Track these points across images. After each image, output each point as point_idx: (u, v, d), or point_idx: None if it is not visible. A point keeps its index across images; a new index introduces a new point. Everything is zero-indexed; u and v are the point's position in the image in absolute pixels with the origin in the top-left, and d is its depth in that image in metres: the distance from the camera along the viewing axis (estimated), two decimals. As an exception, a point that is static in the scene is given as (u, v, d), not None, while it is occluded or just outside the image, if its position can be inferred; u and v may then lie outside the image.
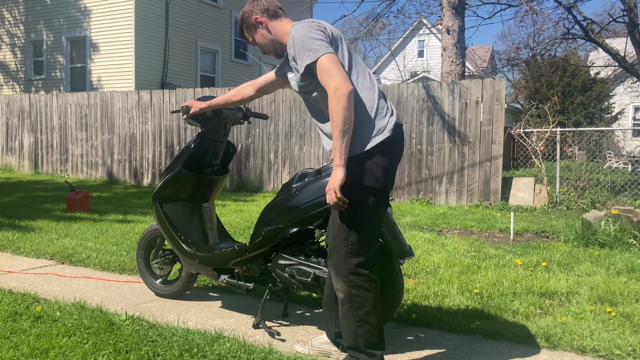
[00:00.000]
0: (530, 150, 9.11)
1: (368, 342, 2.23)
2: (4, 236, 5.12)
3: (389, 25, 35.11)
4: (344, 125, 2.09)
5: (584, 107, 23.55)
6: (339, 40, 2.28)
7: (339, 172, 2.13)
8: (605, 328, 2.92)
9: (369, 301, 2.22)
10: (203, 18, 17.34)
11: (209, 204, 3.29)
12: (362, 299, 2.22)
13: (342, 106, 2.08)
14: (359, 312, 2.22)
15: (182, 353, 2.48)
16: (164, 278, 3.50)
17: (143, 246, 3.52)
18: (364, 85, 2.28)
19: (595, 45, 12.61)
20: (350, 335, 2.25)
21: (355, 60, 2.32)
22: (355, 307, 2.22)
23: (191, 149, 3.10)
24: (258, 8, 2.44)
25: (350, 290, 2.22)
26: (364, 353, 2.24)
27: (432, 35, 31.44)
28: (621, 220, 5.21)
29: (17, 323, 2.82)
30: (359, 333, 2.23)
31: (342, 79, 2.09)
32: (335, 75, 2.10)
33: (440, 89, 8.39)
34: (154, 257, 3.44)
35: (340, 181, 2.13)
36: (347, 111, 2.08)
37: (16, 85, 17.51)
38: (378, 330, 2.25)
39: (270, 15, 2.44)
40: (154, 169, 10.61)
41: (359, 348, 2.24)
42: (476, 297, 3.43)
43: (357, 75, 2.28)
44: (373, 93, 2.27)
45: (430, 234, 5.72)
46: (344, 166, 2.13)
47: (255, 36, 2.49)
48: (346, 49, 2.29)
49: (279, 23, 2.44)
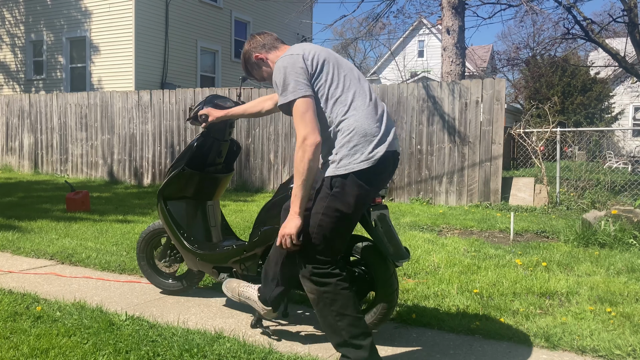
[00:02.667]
0: (530, 150, 9.11)
1: (352, 334, 2.25)
2: (4, 236, 5.12)
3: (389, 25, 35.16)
4: (306, 176, 2.16)
5: (584, 107, 23.55)
6: (323, 64, 2.29)
7: (296, 220, 2.21)
8: (605, 328, 2.92)
9: (340, 294, 2.26)
10: (203, 18, 17.34)
11: (213, 202, 3.31)
12: (332, 294, 2.26)
13: (307, 157, 2.14)
14: (334, 307, 2.26)
15: (182, 353, 2.48)
16: (172, 275, 3.52)
17: (144, 249, 3.53)
18: (359, 104, 2.28)
19: (595, 45, 12.61)
20: (334, 333, 2.28)
21: (350, 78, 2.32)
22: (329, 304, 2.26)
23: (194, 147, 3.12)
24: (255, 46, 2.56)
25: (319, 289, 2.28)
26: (351, 346, 2.25)
27: (432, 35, 31.44)
28: (621, 220, 5.21)
29: (17, 323, 2.82)
30: (341, 327, 2.25)
31: (311, 130, 2.15)
32: (306, 124, 2.16)
33: (440, 89, 8.39)
34: (161, 256, 3.46)
35: (297, 229, 2.21)
36: (311, 163, 2.14)
37: (16, 85, 17.51)
38: (359, 320, 2.27)
39: (268, 49, 2.55)
40: (154, 169, 10.61)
41: (346, 342, 2.26)
42: (476, 297, 3.43)
43: (354, 95, 2.29)
44: (368, 115, 2.27)
45: (430, 234, 5.71)
46: (301, 215, 2.21)
47: (261, 72, 2.60)
48: (332, 69, 2.30)
49: (278, 53, 2.53)
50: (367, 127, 2.25)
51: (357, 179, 2.22)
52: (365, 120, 2.25)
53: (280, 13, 20.31)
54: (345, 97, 2.28)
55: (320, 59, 2.30)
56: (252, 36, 2.60)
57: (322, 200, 2.26)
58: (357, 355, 2.24)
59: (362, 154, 2.22)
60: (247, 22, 19.34)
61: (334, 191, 2.23)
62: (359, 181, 2.22)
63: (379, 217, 2.52)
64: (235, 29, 18.86)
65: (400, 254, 2.51)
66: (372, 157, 2.23)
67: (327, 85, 2.28)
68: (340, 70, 2.33)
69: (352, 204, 2.23)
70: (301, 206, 2.21)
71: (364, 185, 2.23)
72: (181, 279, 3.49)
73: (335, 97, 2.27)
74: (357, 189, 2.22)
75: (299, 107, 2.19)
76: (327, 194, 2.25)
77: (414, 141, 8.54)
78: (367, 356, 2.24)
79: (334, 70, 2.31)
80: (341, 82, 2.30)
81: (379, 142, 2.25)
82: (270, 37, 2.57)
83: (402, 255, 2.52)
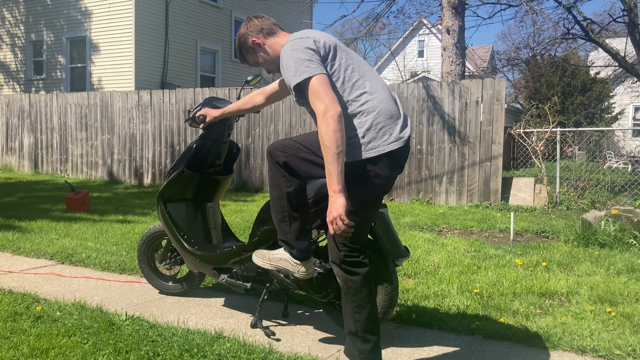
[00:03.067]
0: (530, 150, 9.11)
1: (366, 328, 2.27)
2: (4, 236, 5.12)
3: (389, 25, 35.15)
4: (337, 148, 2.02)
5: (584, 107, 23.55)
6: (335, 49, 2.25)
7: (340, 198, 2.05)
8: (605, 328, 2.92)
9: (364, 286, 2.26)
10: (203, 18, 17.34)
11: (213, 203, 3.31)
12: (357, 285, 2.26)
13: (332, 129, 2.02)
14: (356, 298, 2.26)
15: (182, 353, 2.48)
16: (173, 277, 3.52)
17: (144, 251, 3.52)
18: (379, 87, 2.26)
19: (595, 45, 12.61)
20: (350, 321, 2.30)
21: (361, 64, 2.31)
22: (352, 293, 2.27)
23: (193, 149, 3.12)
24: (253, 30, 2.44)
25: (346, 277, 2.28)
26: (360, 338, 2.28)
27: (432, 35, 31.44)
28: (621, 220, 5.21)
29: (17, 323, 2.82)
30: (357, 318, 2.27)
31: (330, 101, 2.05)
32: (323, 98, 2.06)
33: (440, 89, 8.39)
34: (162, 259, 3.46)
35: (344, 207, 2.04)
36: (338, 133, 2.02)
37: (16, 85, 17.51)
38: (375, 315, 2.29)
39: (265, 34, 2.44)
40: (154, 169, 10.61)
41: (357, 333, 2.28)
42: (476, 297, 3.43)
43: (371, 79, 2.27)
44: (388, 97, 2.27)
45: (430, 234, 5.71)
46: (343, 191, 2.05)
47: (256, 57, 2.49)
48: (345, 55, 2.27)
49: (276, 40, 2.43)
50: (391, 109, 2.23)
51: (387, 161, 2.19)
52: (388, 102, 2.24)
53: (280, 13, 20.32)
54: (362, 81, 2.25)
55: (331, 44, 2.25)
56: (249, 19, 2.48)
57: (353, 186, 2.18)
58: (362, 347, 2.27)
59: (390, 135, 2.19)
60: (247, 22, 19.31)
61: (365, 176, 2.18)
62: (390, 163, 2.19)
63: (378, 216, 2.52)
64: (235, 29, 18.86)
65: (399, 252, 2.52)
66: (402, 137, 2.21)
67: (343, 69, 2.23)
68: (352, 56, 2.31)
69: (381, 186, 2.21)
70: (340, 182, 2.03)
71: (394, 166, 2.22)
72: (182, 282, 3.49)
73: (353, 80, 2.23)
74: (388, 171, 2.20)
75: (314, 83, 2.09)
76: (358, 179, 2.19)
77: (414, 141, 8.54)
78: (369, 350, 2.26)
79: (347, 56, 2.28)
80: (357, 66, 2.27)
81: (403, 123, 2.25)
82: (268, 22, 2.46)
83: (401, 254, 2.53)
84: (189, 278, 3.46)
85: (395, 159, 2.22)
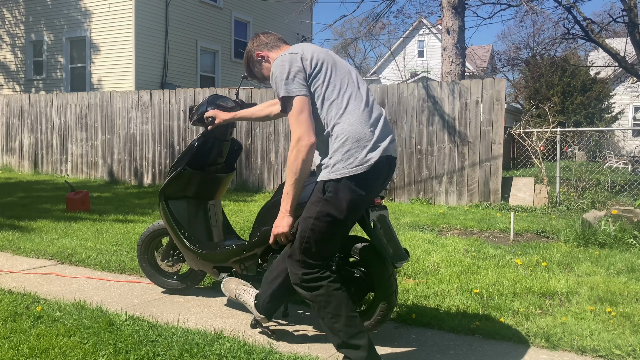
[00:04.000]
0: (530, 150, 9.11)
1: (349, 334, 2.25)
2: (4, 236, 5.12)
3: (389, 25, 35.15)
4: (299, 176, 2.21)
5: (584, 107, 23.55)
6: (324, 66, 2.29)
7: (287, 218, 2.29)
8: (605, 328, 2.92)
9: (333, 295, 2.27)
10: (203, 18, 17.34)
11: (214, 201, 3.32)
12: (325, 297, 2.27)
13: (301, 158, 2.18)
14: (329, 309, 2.27)
15: (182, 353, 2.48)
16: (176, 274, 3.54)
17: (144, 250, 3.53)
18: (353, 108, 2.27)
19: (595, 45, 12.61)
20: (333, 334, 2.29)
21: (348, 81, 2.32)
22: (323, 306, 2.28)
23: (195, 147, 3.12)
24: (258, 44, 2.61)
25: (311, 294, 2.30)
26: (350, 347, 2.26)
27: (432, 35, 31.43)
28: (621, 220, 5.21)
29: (17, 323, 2.82)
30: (337, 328, 2.26)
31: (306, 130, 2.18)
32: (301, 124, 2.19)
33: (440, 89, 8.39)
34: (164, 257, 3.47)
35: (289, 227, 2.29)
36: (304, 163, 2.18)
37: (16, 85, 17.51)
38: (354, 319, 2.28)
39: (270, 48, 2.59)
40: (154, 169, 10.61)
41: (345, 343, 2.27)
42: (476, 297, 3.43)
43: (349, 99, 2.28)
44: (362, 119, 2.25)
45: (430, 234, 5.71)
46: (291, 214, 2.29)
47: (262, 71, 2.62)
48: (332, 72, 2.30)
49: (279, 52, 2.57)
50: (360, 132, 2.23)
51: (350, 183, 2.21)
52: (359, 125, 2.24)
53: (280, 13, 20.32)
54: (340, 100, 2.27)
55: (319, 59, 2.30)
56: (256, 35, 2.65)
57: (315, 204, 2.25)
58: (357, 355, 2.25)
59: (355, 159, 2.20)
60: (247, 22, 19.34)
61: (326, 196, 2.22)
62: (353, 186, 2.21)
63: (378, 218, 2.51)
64: (235, 29, 18.87)
65: (399, 255, 2.49)
66: (367, 162, 2.21)
67: (324, 87, 2.27)
68: (337, 72, 2.32)
69: (344, 209, 2.22)
70: (292, 205, 2.27)
71: (358, 190, 2.22)
72: (184, 278, 3.50)
73: (330, 99, 2.27)
74: (350, 194, 2.21)
75: (295, 106, 2.21)
76: (320, 198, 2.24)
77: (414, 141, 8.54)
78: (366, 355, 2.24)
79: (332, 72, 2.30)
80: (337, 84, 2.29)
81: (372, 147, 2.24)
82: (273, 37, 2.62)
83: (401, 256, 2.50)
84: (190, 275, 3.47)
85: (361, 182, 2.22)
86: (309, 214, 2.26)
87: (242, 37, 19.16)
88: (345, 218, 2.24)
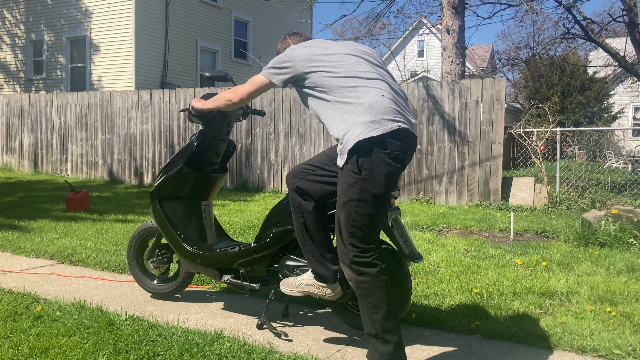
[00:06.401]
0: (530, 150, 9.11)
1: (384, 328, 2.26)
2: (4, 236, 5.12)
3: (389, 25, 35.06)
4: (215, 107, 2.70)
5: (584, 106, 23.54)
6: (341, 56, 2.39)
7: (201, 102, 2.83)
8: (605, 328, 2.92)
9: (378, 286, 2.26)
10: (203, 18, 17.34)
11: (207, 202, 3.27)
12: (369, 285, 2.26)
13: (224, 101, 2.58)
14: (371, 299, 2.26)
15: (182, 353, 2.48)
16: (160, 277, 3.45)
17: (133, 257, 3.46)
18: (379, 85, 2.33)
19: (595, 45, 12.61)
20: (367, 323, 2.30)
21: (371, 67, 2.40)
22: (365, 294, 2.27)
23: (194, 146, 3.07)
24: (285, 46, 2.76)
25: (357, 278, 2.28)
26: (380, 340, 2.27)
27: (432, 35, 31.43)
28: (621, 220, 5.21)
29: (17, 323, 2.82)
30: (374, 320, 2.26)
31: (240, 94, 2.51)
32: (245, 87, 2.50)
33: (440, 89, 8.39)
34: (149, 256, 3.39)
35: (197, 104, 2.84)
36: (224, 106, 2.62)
37: (16, 85, 17.51)
38: (393, 314, 2.28)
39: (291, 39, 2.77)
40: (154, 169, 10.61)
41: (376, 335, 2.28)
42: (476, 297, 3.43)
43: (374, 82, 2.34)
44: (385, 98, 2.30)
45: (430, 234, 5.72)
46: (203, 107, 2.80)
47: None
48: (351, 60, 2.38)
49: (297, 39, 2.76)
50: (386, 105, 2.27)
51: (383, 156, 2.21)
52: (383, 100, 2.28)
53: (280, 13, 20.32)
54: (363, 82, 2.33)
55: (337, 50, 2.42)
56: (284, 37, 2.81)
57: (352, 186, 2.23)
58: (383, 349, 2.26)
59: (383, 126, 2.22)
60: (247, 22, 19.34)
61: (363, 174, 2.21)
62: (386, 158, 2.21)
63: (394, 219, 2.57)
64: (235, 29, 18.87)
65: (414, 254, 2.57)
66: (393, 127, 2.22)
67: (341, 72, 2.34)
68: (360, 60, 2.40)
69: (383, 184, 2.22)
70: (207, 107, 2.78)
71: (392, 162, 2.23)
72: (168, 282, 3.41)
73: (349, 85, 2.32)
74: (386, 167, 2.22)
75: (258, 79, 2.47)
76: (357, 179, 2.22)
77: (414, 141, 8.52)
78: (391, 352, 2.25)
79: (347, 60, 2.38)
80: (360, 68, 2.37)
81: (397, 118, 2.27)
82: (297, 39, 2.75)
83: (416, 256, 2.58)
84: (177, 278, 3.36)
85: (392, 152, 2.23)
86: (348, 197, 2.24)
87: (242, 37, 19.16)
88: (384, 192, 2.24)
